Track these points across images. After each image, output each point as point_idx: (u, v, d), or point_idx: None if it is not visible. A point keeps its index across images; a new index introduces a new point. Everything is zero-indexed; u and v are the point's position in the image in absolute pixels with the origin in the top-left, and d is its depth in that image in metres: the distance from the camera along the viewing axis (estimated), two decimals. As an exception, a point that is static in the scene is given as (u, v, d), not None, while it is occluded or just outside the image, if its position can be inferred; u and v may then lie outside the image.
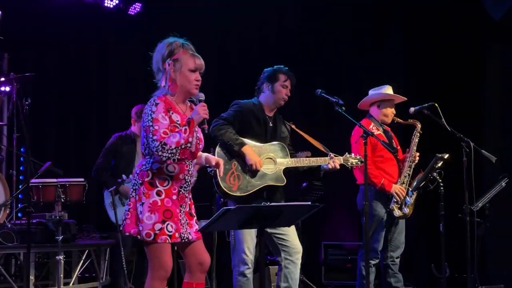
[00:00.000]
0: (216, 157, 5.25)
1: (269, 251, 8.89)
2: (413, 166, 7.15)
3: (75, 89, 9.76)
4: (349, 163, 6.29)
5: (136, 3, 9.74)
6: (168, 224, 4.69)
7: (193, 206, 4.96)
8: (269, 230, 5.99)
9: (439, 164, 6.82)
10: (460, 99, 9.44)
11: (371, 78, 9.34)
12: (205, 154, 5.15)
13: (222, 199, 6.16)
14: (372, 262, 6.96)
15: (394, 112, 7.29)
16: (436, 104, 7.05)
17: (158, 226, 4.65)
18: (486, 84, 9.43)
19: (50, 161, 7.72)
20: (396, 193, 6.96)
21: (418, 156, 7.19)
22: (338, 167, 6.18)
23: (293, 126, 6.40)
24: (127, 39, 9.82)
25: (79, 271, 7.93)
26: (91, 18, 9.64)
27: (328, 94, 6.04)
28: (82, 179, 7.98)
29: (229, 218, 4.46)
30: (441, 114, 6.98)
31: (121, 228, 4.86)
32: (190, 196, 4.94)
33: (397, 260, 7.18)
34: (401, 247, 7.20)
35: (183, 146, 4.64)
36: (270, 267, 7.90)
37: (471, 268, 7.00)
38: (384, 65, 9.94)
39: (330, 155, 6.16)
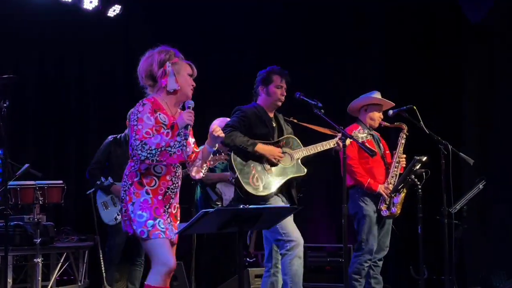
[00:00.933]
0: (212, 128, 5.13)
1: (248, 253, 8.95)
2: (399, 167, 7.18)
3: (54, 92, 9.71)
4: (359, 139, 6.16)
5: (116, 5, 9.70)
6: (159, 220, 4.75)
7: (179, 210, 5.02)
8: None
9: (418, 167, 6.86)
10: (438, 102, 9.51)
11: (351, 82, 9.42)
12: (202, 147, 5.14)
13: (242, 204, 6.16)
14: (366, 264, 7.01)
15: (382, 116, 7.34)
16: (415, 107, 7.09)
17: (150, 223, 4.72)
18: (465, 87, 9.49)
19: (28, 164, 7.69)
20: (383, 191, 7.00)
21: (405, 157, 7.22)
22: (348, 143, 6.05)
23: (295, 121, 6.42)
24: (106, 41, 9.79)
25: (57, 273, 7.89)
26: (69, 20, 9.59)
27: (307, 96, 6.05)
28: (61, 181, 7.95)
29: (208, 220, 4.45)
30: (420, 117, 7.02)
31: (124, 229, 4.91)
32: (177, 199, 5.00)
33: (380, 263, 7.22)
34: (385, 250, 7.23)
35: (163, 149, 4.69)
36: (249, 269, 7.89)
37: (449, 270, 7.03)
38: (364, 68, 10.00)
39: (338, 135, 6.16)
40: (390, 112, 7.25)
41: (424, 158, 6.90)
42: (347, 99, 7.55)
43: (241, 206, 4.61)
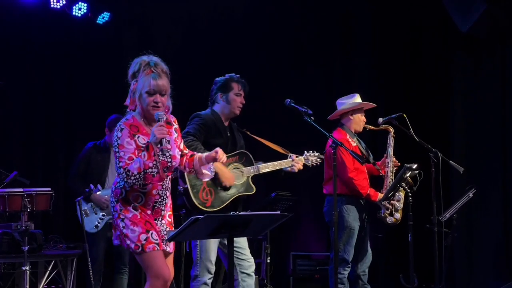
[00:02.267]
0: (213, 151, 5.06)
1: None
2: (394, 171, 7.15)
3: (42, 98, 9.66)
4: (309, 162, 6.32)
5: (105, 12, 9.67)
6: (152, 233, 4.72)
7: (172, 218, 4.99)
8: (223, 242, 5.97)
9: (408, 174, 6.85)
10: (428, 111, 9.54)
11: (339, 90, 9.41)
12: (199, 155, 5.07)
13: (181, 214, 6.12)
14: (346, 272, 6.97)
15: (365, 120, 7.31)
16: (405, 115, 7.09)
17: (143, 236, 4.69)
18: (454, 95, 9.51)
19: (16, 171, 7.63)
20: (385, 205, 6.96)
21: (395, 161, 7.19)
22: (301, 167, 6.20)
23: (248, 133, 6.40)
24: (95, 48, 9.75)
25: (45, 281, 7.83)
26: (58, 27, 9.56)
27: (297, 104, 6.03)
28: (49, 189, 7.87)
29: (198, 227, 4.43)
30: (410, 125, 7.02)
31: (116, 242, 4.87)
32: (170, 208, 4.97)
33: (367, 270, 7.19)
34: (368, 256, 7.18)
35: (143, 172, 4.62)
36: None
37: (439, 278, 7.03)
38: (353, 77, 10.02)
39: (291, 156, 6.18)
40: (380, 119, 7.24)
41: (415, 166, 6.88)
42: (335, 106, 7.50)
43: (231, 213, 4.57)
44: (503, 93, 9.04)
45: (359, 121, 7.26)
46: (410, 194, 6.77)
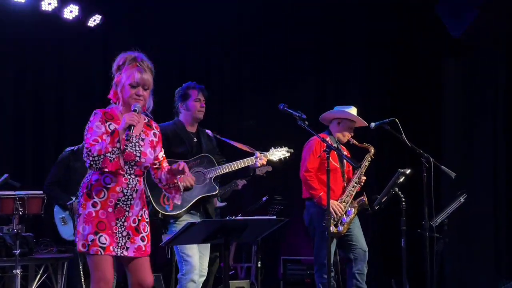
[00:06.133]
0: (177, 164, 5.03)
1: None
2: (357, 188, 7.17)
3: (32, 101, 9.63)
4: (276, 157, 6.42)
5: (96, 15, 9.65)
6: (101, 236, 4.61)
7: (144, 223, 4.82)
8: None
9: (401, 179, 6.86)
10: (420, 116, 9.56)
11: (331, 95, 9.44)
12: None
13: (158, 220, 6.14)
14: (326, 276, 6.94)
15: (352, 134, 7.32)
16: (397, 120, 7.10)
17: (90, 237, 4.60)
18: (446, 100, 9.55)
19: (7, 174, 7.60)
20: (333, 209, 6.94)
21: (365, 179, 7.21)
22: (265, 163, 6.33)
23: (218, 136, 6.57)
24: (86, 50, 9.73)
25: (36, 285, 7.81)
26: (49, 29, 9.52)
27: (291, 108, 6.05)
28: (41, 192, 7.86)
29: (194, 232, 4.42)
30: (402, 130, 7.03)
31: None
32: (142, 211, 4.83)
33: (364, 270, 7.15)
34: (364, 255, 7.16)
35: (103, 155, 4.59)
36: (230, 281, 7.85)
37: (430, 283, 7.03)
38: (345, 82, 10.04)
39: (256, 154, 6.31)
40: (372, 124, 7.23)
41: (408, 171, 6.91)
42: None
43: (228, 218, 4.58)
44: (495, 98, 9.08)
45: (344, 133, 7.27)
46: (403, 200, 6.77)
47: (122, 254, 4.69)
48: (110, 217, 4.67)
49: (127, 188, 4.74)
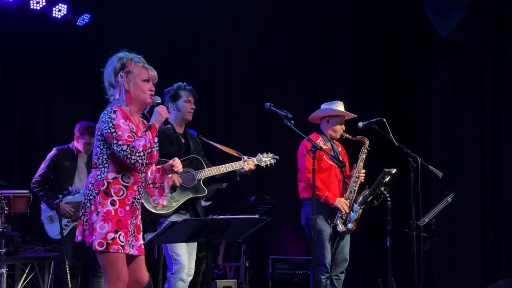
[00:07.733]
0: (171, 160, 5.13)
1: (216, 265, 8.91)
2: (358, 182, 7.17)
3: (19, 100, 9.59)
4: (263, 163, 6.47)
5: (85, 14, 9.61)
6: (120, 234, 4.63)
7: (141, 220, 4.90)
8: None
9: (387, 179, 6.87)
10: (407, 115, 9.57)
11: (320, 95, 9.43)
12: (157, 167, 5.08)
13: (147, 218, 6.15)
14: (323, 277, 6.96)
15: (344, 128, 7.31)
16: (384, 119, 7.11)
17: (110, 235, 4.60)
18: (433, 100, 9.56)
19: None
20: (341, 205, 6.96)
21: (364, 173, 7.21)
22: (253, 168, 6.38)
23: (203, 139, 6.61)
24: (75, 50, 9.70)
25: (22, 284, 7.79)
26: (37, 29, 9.49)
27: (277, 107, 6.05)
28: (27, 191, 7.84)
29: (176, 231, 4.42)
30: (389, 129, 7.03)
31: (79, 239, 4.78)
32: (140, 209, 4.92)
33: (341, 276, 7.18)
34: (345, 261, 7.19)
35: (149, 150, 4.65)
36: (217, 281, 7.86)
37: (417, 283, 7.04)
38: (333, 82, 10.04)
39: (243, 158, 6.37)
40: (360, 124, 7.24)
41: (394, 171, 6.92)
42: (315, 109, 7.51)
43: (210, 217, 4.58)
44: (482, 98, 9.09)
45: (336, 129, 7.26)
46: (389, 199, 6.78)
47: (130, 253, 4.74)
48: (126, 216, 4.71)
49: (141, 186, 4.82)
